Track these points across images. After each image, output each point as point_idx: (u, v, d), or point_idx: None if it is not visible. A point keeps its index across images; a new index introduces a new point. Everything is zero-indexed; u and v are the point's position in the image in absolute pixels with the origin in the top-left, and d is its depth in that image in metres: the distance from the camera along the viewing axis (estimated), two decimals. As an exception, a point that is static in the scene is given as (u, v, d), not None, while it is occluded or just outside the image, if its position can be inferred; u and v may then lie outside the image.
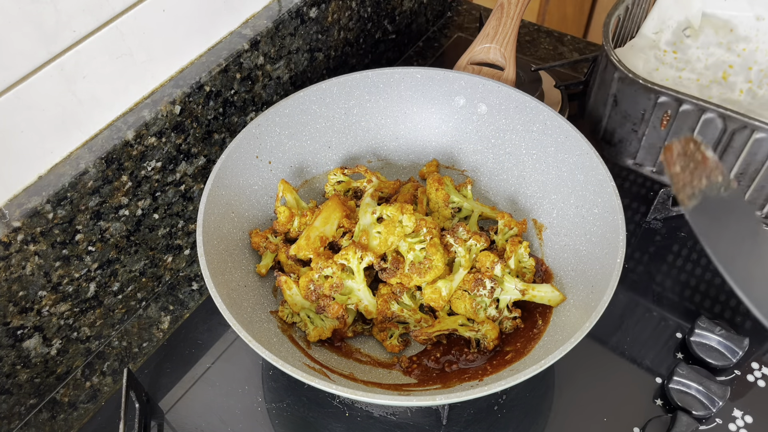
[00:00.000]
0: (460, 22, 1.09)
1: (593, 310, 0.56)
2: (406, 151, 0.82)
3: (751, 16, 0.86)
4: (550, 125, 0.72)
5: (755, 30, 0.86)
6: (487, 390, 0.51)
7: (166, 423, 0.65)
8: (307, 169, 0.78)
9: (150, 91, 0.67)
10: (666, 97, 0.67)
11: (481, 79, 0.76)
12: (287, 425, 0.65)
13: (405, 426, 0.64)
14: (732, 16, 0.87)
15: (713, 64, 0.83)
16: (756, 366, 0.67)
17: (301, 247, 0.66)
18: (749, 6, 0.86)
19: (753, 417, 0.64)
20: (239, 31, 0.74)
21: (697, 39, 0.85)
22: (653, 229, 0.79)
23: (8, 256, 0.57)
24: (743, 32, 0.86)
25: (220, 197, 0.67)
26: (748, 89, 0.80)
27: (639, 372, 0.67)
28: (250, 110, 0.77)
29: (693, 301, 0.73)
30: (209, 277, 0.58)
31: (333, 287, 0.64)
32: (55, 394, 0.68)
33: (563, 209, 0.71)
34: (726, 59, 0.83)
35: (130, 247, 0.69)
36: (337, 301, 0.64)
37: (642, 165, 0.76)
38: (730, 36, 0.86)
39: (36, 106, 0.57)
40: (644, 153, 0.74)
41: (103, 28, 0.60)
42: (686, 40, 0.84)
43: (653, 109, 0.69)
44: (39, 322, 0.63)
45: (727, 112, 0.65)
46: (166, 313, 0.74)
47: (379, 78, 0.78)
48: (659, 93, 0.68)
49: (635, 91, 0.70)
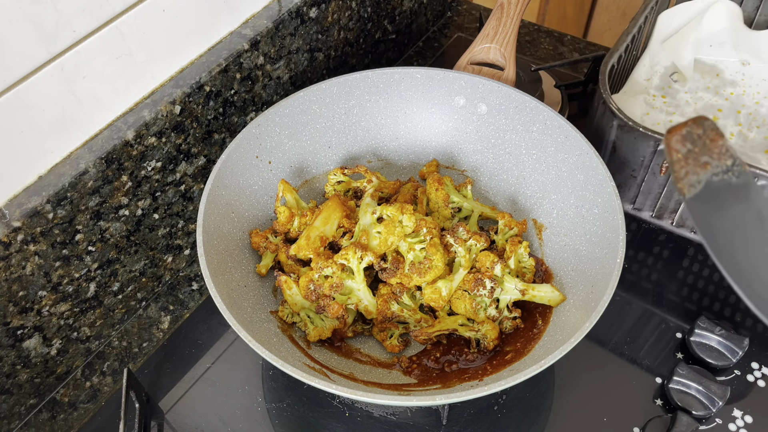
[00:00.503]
0: (460, 22, 1.09)
1: (593, 310, 0.56)
2: (406, 151, 0.82)
3: (737, 61, 0.89)
4: (550, 125, 0.72)
5: (741, 74, 0.88)
6: (487, 390, 0.51)
7: (166, 423, 0.65)
8: (307, 169, 0.78)
9: (150, 91, 0.67)
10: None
11: (481, 79, 0.76)
12: (287, 425, 0.65)
13: (405, 426, 0.64)
14: (718, 61, 0.89)
15: (702, 108, 0.84)
16: (756, 366, 0.67)
17: (301, 247, 0.66)
18: (734, 52, 0.89)
19: (753, 417, 0.64)
20: (239, 31, 0.74)
21: (685, 84, 0.86)
22: (653, 229, 0.79)
23: (8, 256, 0.57)
24: (729, 76, 0.88)
25: (220, 197, 0.67)
26: (738, 132, 0.81)
27: (639, 372, 0.67)
28: (250, 110, 0.77)
29: (693, 301, 0.73)
30: (209, 277, 0.58)
31: (333, 287, 0.64)
32: (55, 394, 0.68)
33: (563, 209, 0.71)
34: (714, 103, 0.85)
35: (130, 247, 0.69)
36: (337, 301, 0.64)
37: (640, 210, 0.76)
38: (717, 80, 0.87)
39: (36, 106, 0.57)
40: (643, 198, 0.75)
41: (103, 28, 0.60)
42: (674, 85, 0.86)
43: (653, 156, 0.69)
44: (39, 322, 0.63)
45: None
46: (166, 313, 0.74)
47: (379, 78, 0.78)
48: (659, 140, 0.68)
49: (634, 138, 0.70)
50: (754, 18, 0.91)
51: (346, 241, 0.68)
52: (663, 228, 0.77)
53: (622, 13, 1.51)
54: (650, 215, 0.76)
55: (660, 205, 0.74)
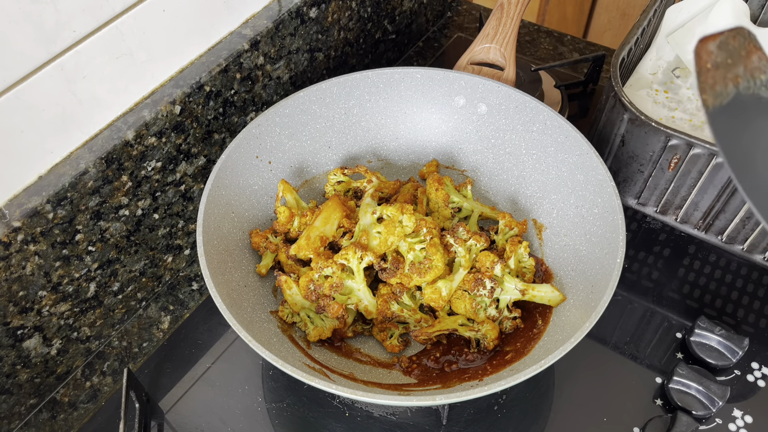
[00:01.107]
0: (460, 22, 1.09)
1: (593, 310, 0.56)
2: (406, 151, 0.82)
3: None
4: (550, 125, 0.72)
5: None
6: (487, 390, 0.51)
7: (166, 423, 0.65)
8: (307, 169, 0.78)
9: (150, 91, 0.67)
10: (677, 140, 0.67)
11: (481, 79, 0.76)
12: (287, 425, 0.65)
13: (405, 426, 0.64)
14: None
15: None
16: (756, 366, 0.67)
17: (301, 247, 0.66)
18: None
19: (753, 417, 0.64)
20: (239, 31, 0.74)
21: (687, 80, 0.86)
22: (653, 229, 0.79)
23: (8, 256, 0.57)
24: None
25: (220, 197, 0.67)
26: None
27: (639, 372, 0.67)
28: (250, 110, 0.77)
29: (693, 301, 0.73)
30: (209, 277, 0.58)
31: (333, 287, 0.64)
32: (55, 394, 0.68)
33: (563, 209, 0.71)
34: None
35: (130, 247, 0.69)
36: (337, 301, 0.64)
37: (645, 205, 0.76)
38: None
39: (36, 106, 0.57)
40: (648, 193, 0.74)
41: (103, 28, 0.60)
42: (676, 81, 0.85)
43: (662, 152, 0.69)
44: (39, 322, 0.63)
45: None
46: (166, 313, 0.74)
47: (379, 78, 0.78)
48: (670, 136, 0.67)
49: (645, 133, 0.69)
50: (759, 16, 0.90)
51: (346, 241, 0.68)
52: (666, 223, 0.76)
53: (622, 13, 1.51)
54: (654, 210, 0.75)
55: (665, 200, 0.73)
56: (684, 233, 0.78)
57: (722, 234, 0.72)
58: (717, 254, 0.76)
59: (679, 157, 0.68)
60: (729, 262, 0.76)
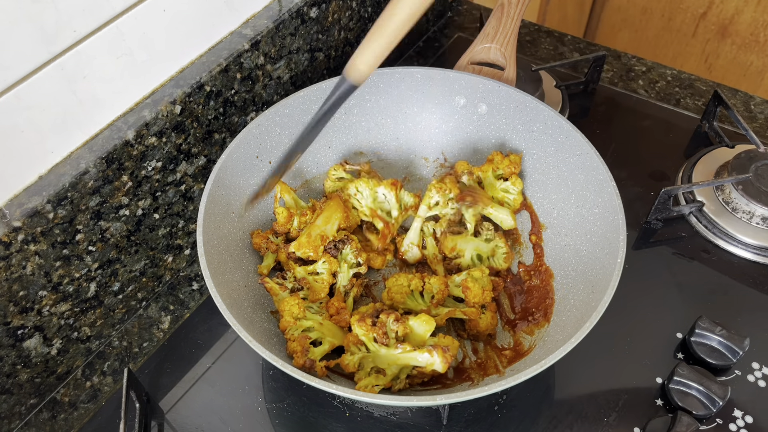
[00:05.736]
0: (460, 22, 1.09)
1: (593, 310, 0.56)
2: (406, 151, 0.82)
3: None
4: (551, 125, 0.72)
5: None
6: (487, 390, 0.51)
7: (166, 423, 0.65)
8: (307, 169, 0.78)
9: (150, 91, 0.67)
10: None
11: (481, 79, 0.76)
12: (287, 425, 0.65)
13: (405, 426, 0.64)
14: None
15: None
16: (756, 366, 0.67)
17: (302, 244, 0.66)
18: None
19: (753, 417, 0.63)
20: (240, 31, 0.74)
21: None
22: (654, 229, 0.79)
23: (8, 256, 0.57)
24: None
25: (220, 197, 0.67)
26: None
27: (639, 372, 0.67)
28: (250, 110, 0.77)
29: (693, 301, 0.73)
30: (209, 277, 0.58)
31: (304, 337, 0.61)
32: (55, 394, 0.68)
33: (563, 209, 0.71)
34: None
35: (131, 247, 0.69)
36: (299, 343, 0.61)
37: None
38: None
39: (36, 106, 0.57)
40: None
41: (104, 28, 0.60)
42: None
43: None
44: (39, 321, 0.63)
45: None
46: (167, 313, 0.74)
47: (379, 78, 0.78)
48: None
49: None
50: None
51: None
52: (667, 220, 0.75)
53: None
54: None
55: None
56: (685, 234, 0.78)
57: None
58: (717, 254, 0.76)
59: None
60: (729, 262, 0.76)
